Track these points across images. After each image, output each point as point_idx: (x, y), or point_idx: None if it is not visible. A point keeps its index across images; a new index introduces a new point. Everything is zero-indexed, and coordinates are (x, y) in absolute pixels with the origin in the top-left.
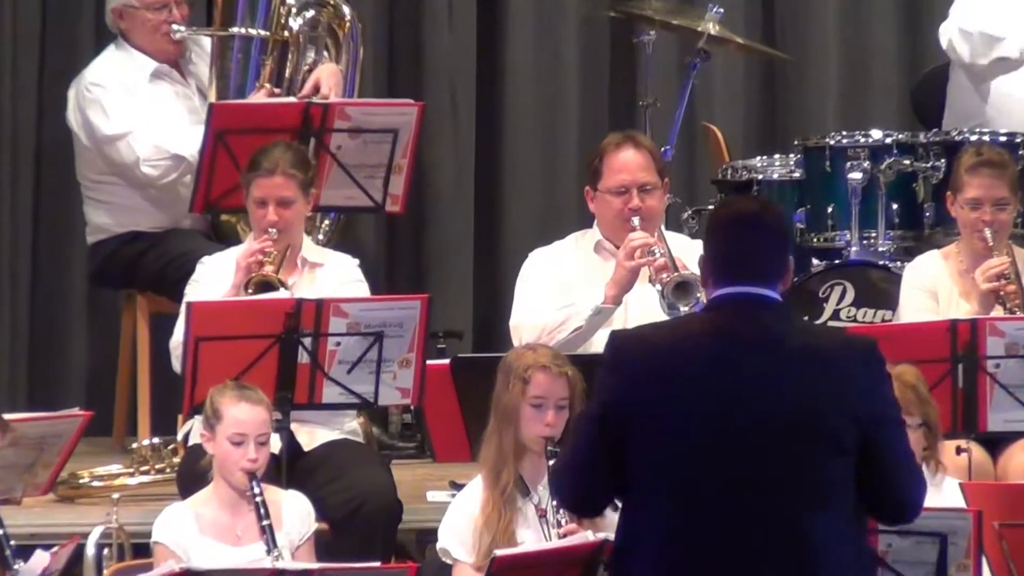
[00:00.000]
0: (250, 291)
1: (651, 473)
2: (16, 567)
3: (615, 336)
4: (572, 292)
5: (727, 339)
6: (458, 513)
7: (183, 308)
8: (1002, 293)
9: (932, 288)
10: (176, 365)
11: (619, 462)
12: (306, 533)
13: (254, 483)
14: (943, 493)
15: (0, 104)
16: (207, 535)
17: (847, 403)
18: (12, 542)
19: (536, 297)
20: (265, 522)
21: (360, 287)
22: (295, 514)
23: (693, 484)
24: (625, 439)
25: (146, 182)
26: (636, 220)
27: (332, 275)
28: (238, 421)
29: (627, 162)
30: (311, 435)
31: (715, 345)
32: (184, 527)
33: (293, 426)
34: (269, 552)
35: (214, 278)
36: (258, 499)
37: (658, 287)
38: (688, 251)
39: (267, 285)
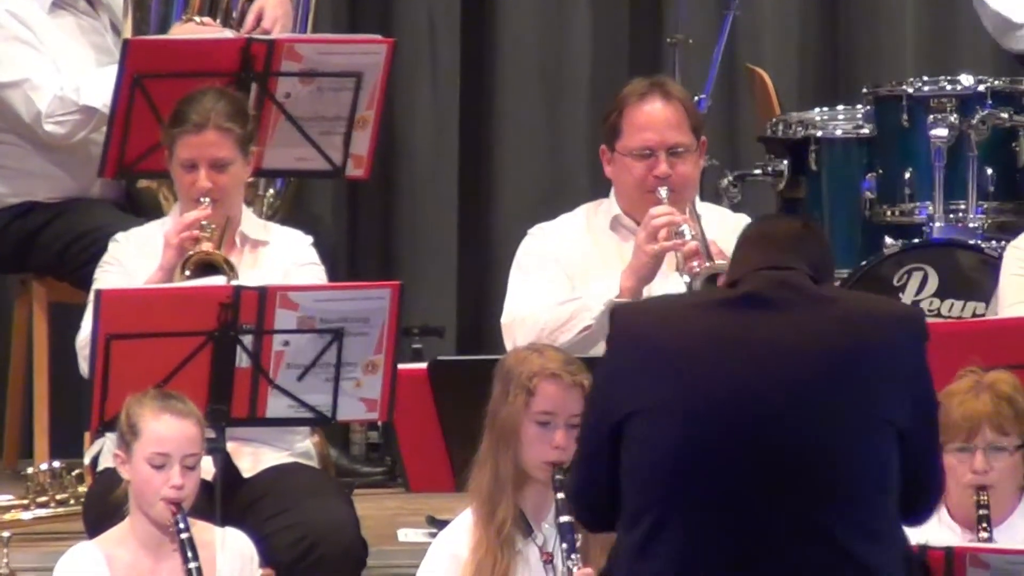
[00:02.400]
0: (187, 274)
1: None
2: None
3: (618, 307)
4: (581, 280)
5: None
6: (440, 556)
7: (91, 297)
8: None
9: None
10: (84, 368)
11: None
12: None
13: (179, 517)
14: None
15: None
16: None
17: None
18: None
19: (535, 287)
20: (192, 564)
21: (314, 271)
22: (234, 558)
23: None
24: None
25: (49, 141)
26: (663, 191)
27: (279, 256)
28: (160, 438)
29: (654, 117)
30: (253, 458)
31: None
32: (93, 572)
33: (230, 446)
34: None
35: (130, 260)
36: (183, 536)
37: (686, 278)
38: (728, 228)
39: (210, 267)
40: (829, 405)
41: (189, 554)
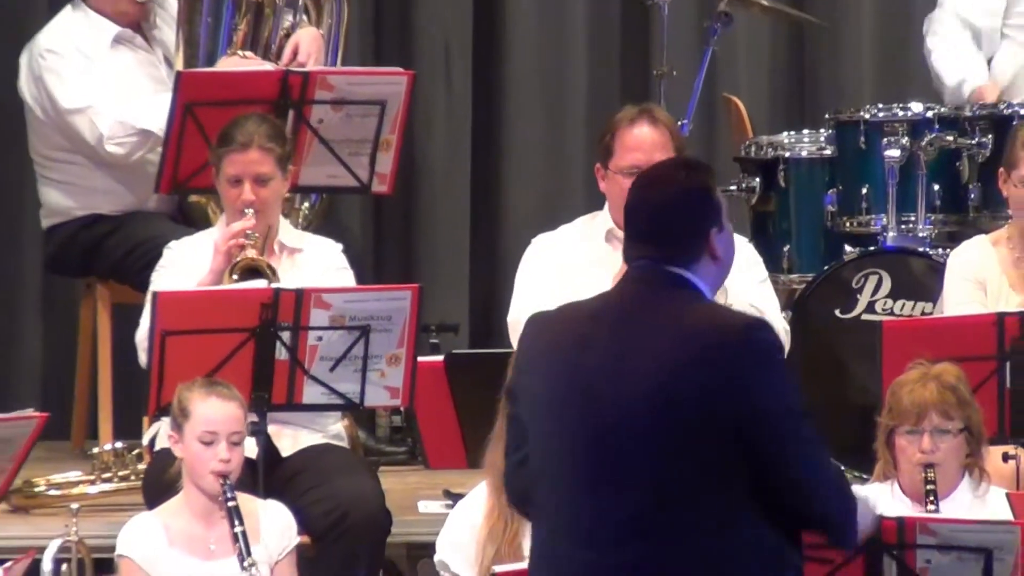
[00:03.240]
0: (235, 277)
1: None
2: None
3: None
4: (577, 287)
5: (616, 323)
6: (459, 523)
7: (148, 298)
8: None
9: (979, 278)
10: (143, 360)
11: None
12: (287, 547)
13: (226, 487)
14: (988, 504)
15: None
16: (177, 548)
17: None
18: None
19: (535, 291)
20: (238, 528)
21: (344, 275)
22: (275, 526)
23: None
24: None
25: (111, 161)
26: None
27: (313, 262)
28: (208, 419)
29: (642, 140)
30: (291, 439)
31: (597, 327)
32: (152, 539)
33: (271, 429)
34: (243, 562)
35: (183, 265)
36: (230, 504)
37: None
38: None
39: (254, 271)
40: (664, 417)
41: (235, 520)
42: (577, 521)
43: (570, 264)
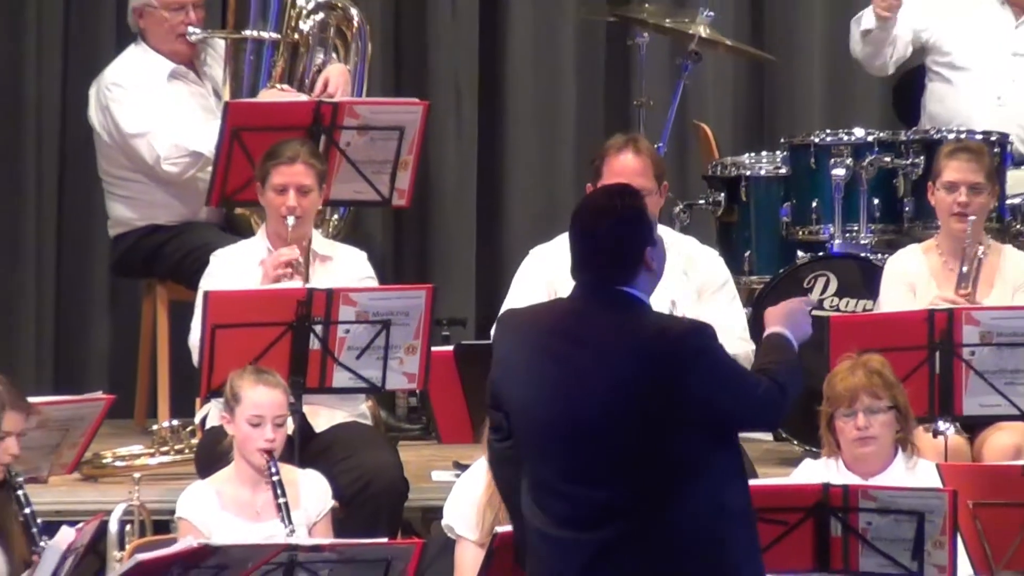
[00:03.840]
0: None
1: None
2: (42, 543)
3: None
4: (562, 293)
5: (565, 333)
6: (463, 492)
7: (199, 298)
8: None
9: (910, 282)
10: (196, 360)
11: None
12: (323, 511)
13: (271, 463)
14: (918, 474)
15: (25, 101)
16: (228, 511)
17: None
18: (39, 519)
19: (523, 296)
20: (281, 500)
21: (369, 283)
22: (313, 493)
23: (539, 470)
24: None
25: (167, 178)
26: None
27: (344, 270)
28: (256, 404)
29: (626, 166)
30: (324, 417)
31: (552, 338)
32: (207, 504)
33: (306, 409)
34: (286, 529)
35: (227, 270)
36: (275, 478)
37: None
38: (676, 244)
39: None
40: (620, 413)
41: (279, 491)
42: (555, 506)
43: (557, 274)
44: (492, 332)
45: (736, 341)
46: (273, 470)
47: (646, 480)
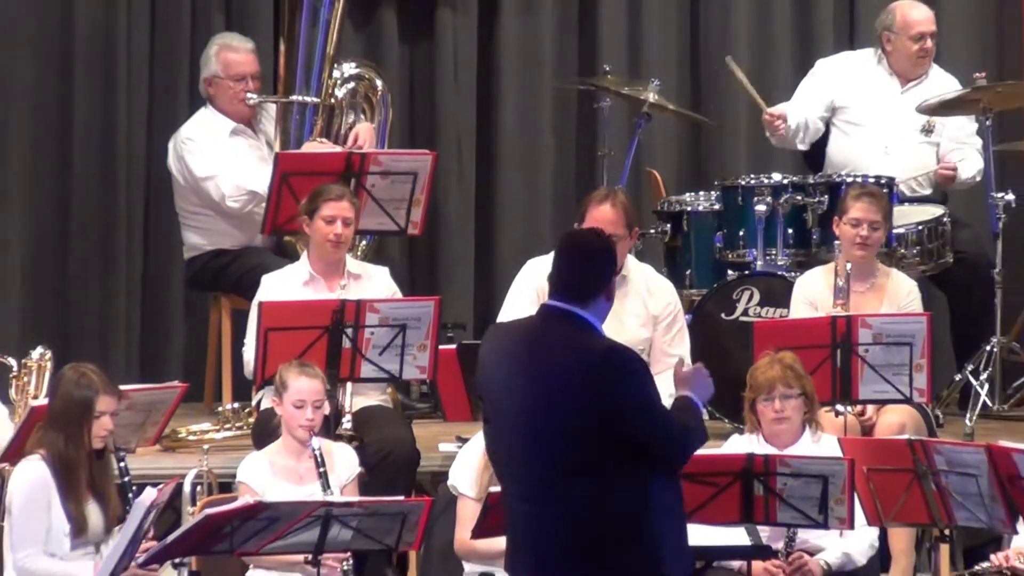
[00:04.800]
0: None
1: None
2: (131, 500)
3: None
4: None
5: (527, 339)
6: (464, 459)
7: (254, 307)
8: None
9: (813, 300)
10: (248, 373)
11: None
12: (351, 475)
13: (312, 439)
14: (822, 446)
15: (118, 151)
16: (278, 476)
17: (588, 401)
18: (133, 485)
19: (517, 303)
20: (321, 469)
21: (395, 294)
22: (343, 462)
23: (507, 462)
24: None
25: (230, 212)
26: None
27: (374, 285)
28: (299, 390)
29: (603, 215)
30: (355, 400)
31: (514, 343)
32: (261, 470)
33: (340, 394)
34: (324, 490)
35: (274, 290)
36: (315, 451)
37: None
38: (640, 273)
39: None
40: (562, 413)
41: (319, 460)
42: (518, 484)
43: (546, 285)
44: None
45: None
46: (315, 445)
47: (580, 470)
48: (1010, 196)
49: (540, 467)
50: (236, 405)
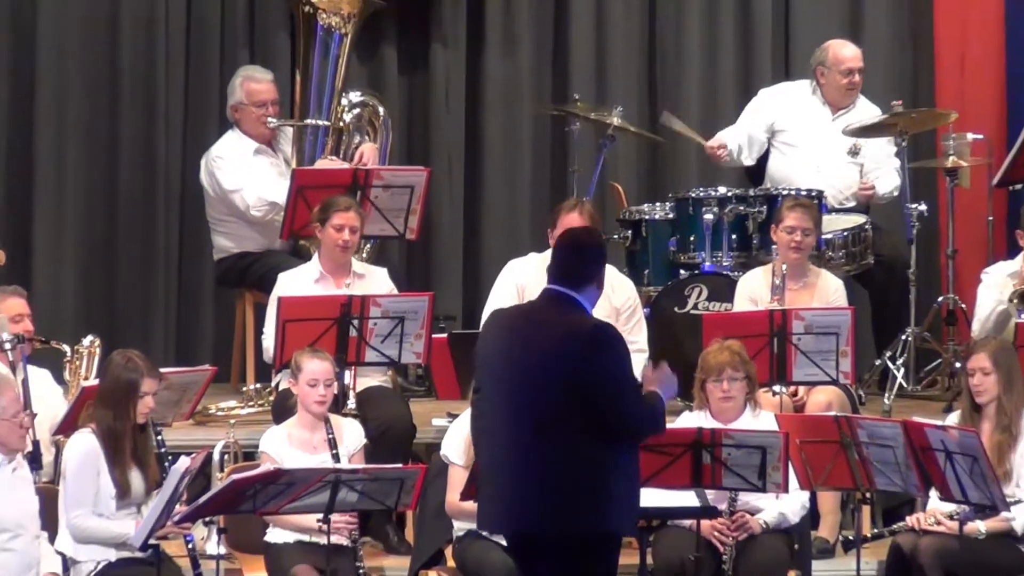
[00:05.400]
0: None
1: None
2: (168, 467)
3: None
4: (526, 292)
5: (525, 317)
6: (454, 432)
7: (272, 301)
8: None
9: (753, 296)
10: (268, 358)
11: None
12: (357, 446)
13: (325, 415)
14: (761, 421)
15: (157, 169)
16: (294, 447)
17: (572, 370)
18: (169, 455)
19: (499, 297)
20: (330, 436)
21: (393, 292)
22: (351, 434)
23: (491, 417)
24: None
25: (253, 220)
26: None
27: (373, 281)
28: (313, 371)
29: (572, 222)
30: (359, 381)
31: (513, 321)
32: (280, 442)
33: (347, 376)
34: (335, 459)
35: (289, 286)
36: (329, 434)
37: None
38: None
39: None
40: (548, 380)
41: (329, 432)
42: (497, 439)
43: (524, 282)
44: (482, 321)
45: (636, 353)
46: (328, 418)
47: (552, 425)
48: (923, 207)
49: (520, 420)
50: (258, 385)
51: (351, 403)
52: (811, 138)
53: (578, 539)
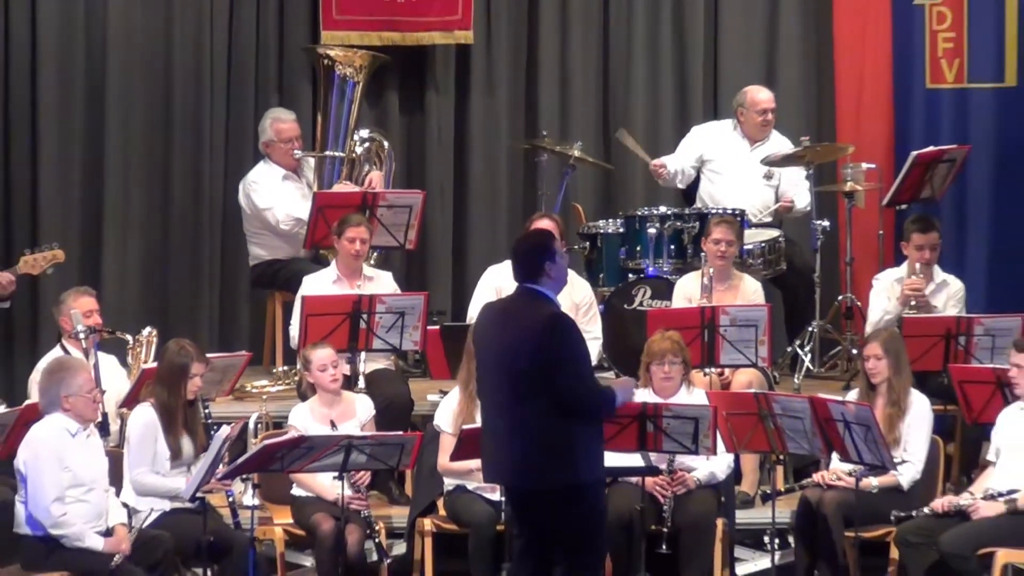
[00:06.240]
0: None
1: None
2: (212, 434)
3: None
4: (504, 292)
5: (503, 309)
6: (445, 406)
7: (298, 300)
8: None
9: (688, 296)
10: (294, 345)
11: None
12: (368, 417)
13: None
14: (694, 397)
15: (203, 191)
16: (316, 420)
17: (534, 349)
18: (213, 424)
19: (481, 296)
20: (337, 411)
21: (396, 292)
22: (363, 408)
23: (482, 393)
24: None
25: (282, 233)
26: None
27: (383, 285)
28: (320, 359)
29: (541, 224)
30: (367, 365)
31: (496, 312)
32: (305, 416)
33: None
34: (332, 427)
35: (312, 287)
36: (338, 403)
37: None
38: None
39: None
40: (518, 362)
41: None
42: (492, 405)
43: (501, 285)
44: (468, 315)
45: (592, 341)
46: (340, 395)
47: (528, 396)
48: (826, 223)
49: (505, 392)
50: (286, 368)
51: (361, 383)
52: (734, 166)
53: (553, 491)
